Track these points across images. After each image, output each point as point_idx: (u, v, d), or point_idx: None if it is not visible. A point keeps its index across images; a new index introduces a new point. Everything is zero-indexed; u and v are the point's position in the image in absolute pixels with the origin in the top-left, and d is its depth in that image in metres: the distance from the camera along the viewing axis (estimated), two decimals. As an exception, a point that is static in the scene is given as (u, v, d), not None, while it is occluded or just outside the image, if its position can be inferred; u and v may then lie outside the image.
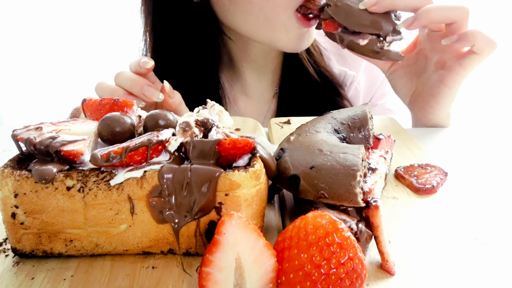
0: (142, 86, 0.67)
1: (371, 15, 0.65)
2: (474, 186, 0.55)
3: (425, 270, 0.39)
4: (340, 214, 0.41)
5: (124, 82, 0.69)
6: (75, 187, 0.38)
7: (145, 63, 0.68)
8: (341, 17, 0.67)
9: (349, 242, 0.33)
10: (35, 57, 2.04)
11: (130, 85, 0.68)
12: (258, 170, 0.39)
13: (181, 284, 0.38)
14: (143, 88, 0.67)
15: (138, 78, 0.68)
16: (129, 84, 0.68)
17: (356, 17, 0.66)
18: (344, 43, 0.70)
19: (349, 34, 0.69)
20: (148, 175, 0.38)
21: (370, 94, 1.03)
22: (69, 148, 0.38)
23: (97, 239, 0.40)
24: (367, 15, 0.66)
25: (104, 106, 0.45)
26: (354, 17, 0.66)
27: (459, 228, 0.45)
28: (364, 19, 0.66)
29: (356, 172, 0.40)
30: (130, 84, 0.68)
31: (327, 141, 0.46)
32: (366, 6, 0.65)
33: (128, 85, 0.68)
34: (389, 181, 0.55)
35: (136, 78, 0.68)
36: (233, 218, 0.34)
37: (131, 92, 0.68)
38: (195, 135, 0.41)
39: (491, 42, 0.64)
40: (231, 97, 0.97)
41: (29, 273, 0.39)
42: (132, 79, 0.68)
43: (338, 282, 0.32)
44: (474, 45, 0.64)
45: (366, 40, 0.67)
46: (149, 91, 0.67)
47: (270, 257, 0.34)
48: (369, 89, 1.03)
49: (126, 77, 0.69)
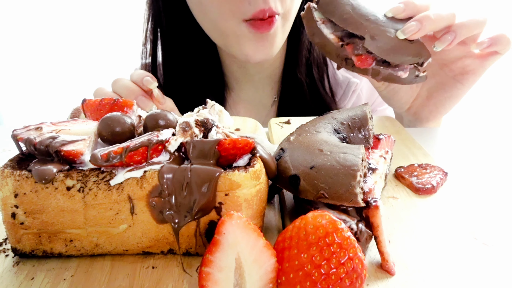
0: (137, 96, 0.69)
1: (410, 43, 0.58)
2: (474, 186, 0.55)
3: (425, 270, 0.39)
4: (340, 214, 0.41)
5: (120, 89, 0.71)
6: (75, 187, 0.38)
7: (148, 82, 0.70)
8: (382, 51, 0.57)
9: (349, 242, 0.33)
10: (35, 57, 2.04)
11: (125, 93, 0.70)
12: (258, 170, 0.39)
13: (181, 284, 0.38)
14: (138, 98, 0.69)
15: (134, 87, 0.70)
16: (125, 93, 0.70)
17: (398, 49, 0.57)
18: (379, 77, 0.60)
19: (386, 67, 0.60)
20: (148, 175, 0.38)
21: (371, 101, 1.04)
22: (69, 148, 0.38)
23: (97, 239, 0.40)
24: (408, 45, 0.57)
25: (104, 106, 0.45)
26: (398, 49, 0.57)
27: (459, 228, 0.45)
28: (408, 50, 0.57)
29: (356, 172, 0.40)
30: (126, 93, 0.70)
31: (327, 141, 0.46)
32: (407, 35, 0.57)
33: (124, 93, 0.70)
34: (389, 181, 0.55)
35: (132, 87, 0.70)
36: (233, 218, 0.34)
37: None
38: (195, 135, 0.41)
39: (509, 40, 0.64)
40: (231, 103, 0.97)
41: (29, 273, 0.39)
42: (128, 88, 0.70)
43: (338, 282, 0.32)
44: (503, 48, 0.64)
45: (407, 72, 0.60)
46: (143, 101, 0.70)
47: (270, 257, 0.34)
48: (371, 96, 1.03)
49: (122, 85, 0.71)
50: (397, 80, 0.60)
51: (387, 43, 0.57)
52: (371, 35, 0.57)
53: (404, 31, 0.57)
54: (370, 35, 0.57)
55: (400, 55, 0.57)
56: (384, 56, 0.57)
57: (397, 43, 0.57)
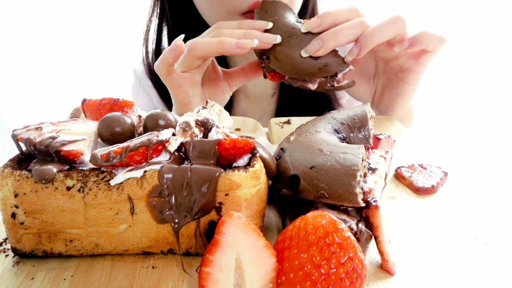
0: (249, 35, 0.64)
1: (316, 60, 0.62)
2: (474, 186, 0.55)
3: (425, 270, 0.39)
4: (340, 214, 0.41)
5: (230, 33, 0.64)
6: (75, 187, 0.38)
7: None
8: (286, 70, 0.63)
9: (349, 242, 0.33)
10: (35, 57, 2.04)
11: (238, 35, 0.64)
12: (258, 170, 0.39)
13: (181, 284, 0.38)
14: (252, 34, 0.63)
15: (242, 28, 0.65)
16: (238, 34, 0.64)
17: (302, 67, 0.62)
18: (294, 85, 0.67)
19: (297, 81, 0.65)
20: (148, 175, 0.38)
21: None
22: (69, 148, 0.38)
23: (97, 239, 0.40)
24: (313, 61, 0.62)
25: (104, 106, 0.45)
26: (300, 68, 0.62)
27: (459, 228, 0.45)
28: (312, 66, 0.62)
29: (356, 172, 0.40)
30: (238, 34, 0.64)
31: (327, 141, 0.46)
32: (309, 53, 0.61)
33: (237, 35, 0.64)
34: (389, 181, 0.55)
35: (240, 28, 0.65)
36: (233, 218, 0.34)
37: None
38: (195, 135, 0.41)
39: (439, 38, 0.65)
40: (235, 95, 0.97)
41: (29, 273, 0.39)
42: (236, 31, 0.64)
43: (338, 282, 0.32)
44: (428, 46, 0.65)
45: (315, 84, 0.64)
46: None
47: (270, 257, 0.34)
48: None
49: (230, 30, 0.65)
50: (309, 89, 0.65)
51: (290, 63, 0.62)
52: (275, 56, 0.63)
53: (306, 50, 0.61)
54: (274, 56, 0.63)
55: (304, 72, 0.62)
56: (289, 74, 0.63)
57: (300, 61, 0.62)
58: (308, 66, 0.62)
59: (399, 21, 0.63)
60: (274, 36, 0.63)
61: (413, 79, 0.72)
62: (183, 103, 0.71)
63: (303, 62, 0.62)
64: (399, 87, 0.74)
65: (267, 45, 0.63)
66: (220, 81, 0.75)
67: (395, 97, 0.75)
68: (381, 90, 0.77)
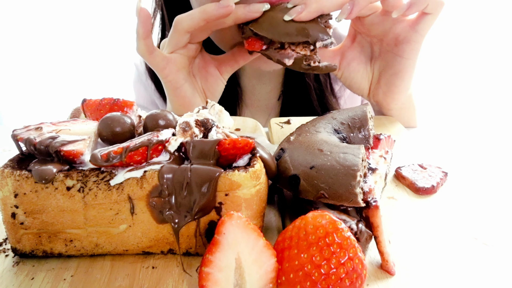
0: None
1: (297, 23, 0.61)
2: (474, 186, 0.55)
3: (425, 270, 0.39)
4: (340, 214, 0.41)
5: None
6: (75, 187, 0.38)
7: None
8: (263, 30, 0.62)
9: (349, 242, 0.33)
10: (35, 57, 2.04)
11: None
12: (258, 170, 0.39)
13: (181, 284, 0.38)
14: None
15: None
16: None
17: (280, 28, 0.61)
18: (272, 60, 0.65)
19: (275, 53, 0.63)
20: (148, 175, 0.38)
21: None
22: (69, 148, 0.38)
23: (97, 239, 0.40)
24: (293, 24, 0.61)
25: (104, 106, 0.45)
26: (279, 28, 0.61)
27: (459, 228, 0.45)
28: (290, 28, 0.61)
29: (356, 172, 0.40)
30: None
31: (327, 141, 0.46)
32: (292, 16, 0.60)
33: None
34: (389, 181, 0.55)
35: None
36: (233, 218, 0.34)
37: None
38: (195, 135, 0.41)
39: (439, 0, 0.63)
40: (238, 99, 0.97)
41: (29, 273, 0.39)
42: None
43: (338, 282, 0.32)
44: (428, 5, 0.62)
45: (291, 60, 0.63)
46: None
47: (270, 257, 0.34)
48: None
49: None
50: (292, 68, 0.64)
51: (270, 22, 0.61)
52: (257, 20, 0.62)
53: (290, 13, 0.60)
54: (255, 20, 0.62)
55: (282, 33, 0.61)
56: (266, 33, 0.61)
57: (281, 23, 0.61)
58: (287, 27, 0.61)
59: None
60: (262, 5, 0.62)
61: (411, 51, 0.68)
62: (173, 87, 0.69)
63: (284, 24, 0.61)
64: (397, 65, 0.70)
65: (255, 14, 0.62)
66: (210, 67, 0.73)
67: (392, 78, 0.71)
68: (378, 75, 0.74)
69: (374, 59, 0.75)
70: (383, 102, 0.76)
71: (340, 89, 0.99)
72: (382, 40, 0.71)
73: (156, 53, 0.65)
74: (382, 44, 0.71)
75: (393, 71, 0.71)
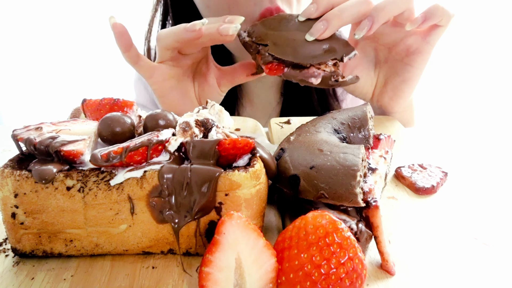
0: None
1: (320, 42, 0.58)
2: (474, 186, 0.55)
3: (425, 270, 0.39)
4: (340, 214, 0.41)
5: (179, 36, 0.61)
6: (75, 187, 0.38)
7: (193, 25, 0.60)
8: (286, 54, 0.57)
9: (349, 242, 0.33)
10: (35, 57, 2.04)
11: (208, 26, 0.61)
12: (258, 170, 0.39)
13: (181, 284, 0.38)
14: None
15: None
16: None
17: (304, 50, 0.57)
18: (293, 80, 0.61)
19: (297, 73, 0.59)
20: (148, 175, 0.38)
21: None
22: (69, 148, 0.38)
23: (97, 239, 0.40)
24: (315, 43, 0.58)
25: (104, 106, 0.45)
26: (302, 50, 0.57)
27: (459, 228, 0.45)
28: (314, 48, 0.58)
29: (356, 172, 0.40)
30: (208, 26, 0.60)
31: (327, 141, 0.46)
32: (314, 36, 0.57)
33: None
34: (389, 181, 0.55)
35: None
36: (233, 218, 0.34)
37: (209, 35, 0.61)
38: (195, 135, 0.41)
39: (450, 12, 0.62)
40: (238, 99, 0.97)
41: (29, 273, 0.39)
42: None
43: (338, 282, 0.32)
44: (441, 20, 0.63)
45: (319, 79, 0.59)
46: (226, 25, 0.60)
47: (270, 257, 0.34)
48: None
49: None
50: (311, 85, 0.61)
51: (292, 46, 0.57)
52: (273, 42, 0.58)
53: (312, 33, 0.57)
54: (272, 42, 0.58)
55: (305, 56, 0.58)
56: (290, 58, 0.58)
57: (301, 44, 0.58)
58: (312, 48, 0.58)
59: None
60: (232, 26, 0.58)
61: (422, 61, 0.68)
62: (159, 95, 0.68)
63: (306, 45, 0.58)
64: (406, 73, 0.70)
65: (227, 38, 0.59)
66: (210, 77, 0.72)
67: (400, 85, 0.71)
68: (383, 80, 0.74)
69: (379, 65, 0.74)
70: (387, 106, 0.76)
71: (342, 93, 0.99)
72: (391, 49, 0.70)
73: (141, 63, 0.65)
74: (391, 52, 0.71)
75: (402, 79, 0.71)
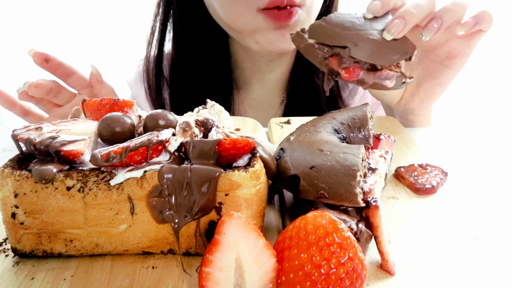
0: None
1: (397, 41, 0.55)
2: (474, 186, 0.55)
3: (425, 270, 0.39)
4: (340, 214, 0.41)
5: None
6: (75, 187, 0.38)
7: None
8: (369, 56, 0.54)
9: (349, 242, 0.33)
10: (35, 57, 2.04)
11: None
12: (258, 170, 0.39)
13: (181, 284, 0.38)
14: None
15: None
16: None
17: (384, 50, 0.54)
18: (364, 86, 0.58)
19: (371, 76, 0.57)
20: (148, 175, 0.38)
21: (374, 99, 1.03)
22: (69, 148, 0.38)
23: (97, 239, 0.40)
24: (394, 43, 0.55)
25: (104, 106, 0.45)
26: (383, 50, 0.54)
27: (459, 228, 0.45)
28: (394, 48, 0.55)
29: (356, 172, 0.40)
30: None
31: (327, 141, 0.46)
32: (393, 35, 0.54)
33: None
34: (389, 181, 0.55)
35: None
36: (233, 218, 0.34)
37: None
38: (195, 135, 0.41)
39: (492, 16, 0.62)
40: (238, 101, 0.97)
41: (29, 273, 0.39)
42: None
43: (338, 282, 0.32)
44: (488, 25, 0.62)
45: (393, 81, 0.57)
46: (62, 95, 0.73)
47: (270, 257, 0.34)
48: None
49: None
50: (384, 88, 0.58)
51: (373, 47, 0.54)
52: (354, 43, 0.54)
53: (390, 31, 0.54)
54: (352, 43, 0.54)
55: (387, 56, 0.55)
56: (372, 60, 0.55)
57: (381, 43, 0.54)
58: (392, 48, 0.55)
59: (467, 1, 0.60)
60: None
61: (461, 64, 0.68)
62: None
63: (386, 44, 0.54)
64: (444, 75, 0.69)
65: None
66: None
67: (435, 88, 0.71)
68: (416, 83, 0.73)
69: (411, 68, 0.73)
70: (416, 109, 0.75)
71: (348, 97, 0.98)
72: (430, 51, 0.69)
73: (30, 117, 0.77)
74: (428, 54, 0.70)
75: (438, 81, 0.70)
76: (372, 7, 0.56)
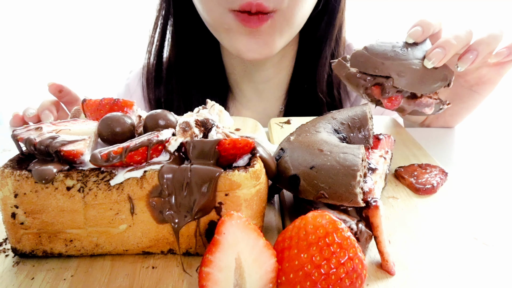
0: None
1: (437, 69, 0.55)
2: (474, 186, 0.55)
3: (425, 270, 0.39)
4: (340, 214, 0.41)
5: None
6: (75, 187, 0.38)
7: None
8: (411, 85, 0.54)
9: (349, 242, 0.33)
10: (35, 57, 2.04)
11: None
12: (258, 170, 0.39)
13: (181, 284, 0.38)
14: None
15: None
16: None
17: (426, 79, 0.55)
18: (403, 113, 0.59)
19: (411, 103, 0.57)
20: (148, 175, 0.38)
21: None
22: (69, 148, 0.38)
23: (97, 239, 0.40)
24: (435, 72, 0.55)
25: (104, 106, 0.45)
26: (424, 79, 0.55)
27: (459, 228, 0.45)
28: (435, 77, 0.55)
29: (356, 172, 0.40)
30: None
31: (327, 141, 0.46)
32: (434, 63, 0.55)
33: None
34: (389, 181, 0.55)
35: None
36: (233, 218, 0.34)
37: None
38: (195, 135, 0.41)
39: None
40: (234, 111, 0.97)
41: (29, 273, 0.39)
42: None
43: (338, 282, 0.32)
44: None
45: (432, 108, 0.57)
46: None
47: (270, 257, 0.34)
48: None
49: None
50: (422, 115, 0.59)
51: (415, 76, 0.54)
52: (398, 73, 0.54)
53: (431, 60, 0.55)
54: (396, 73, 0.54)
55: (429, 85, 0.55)
56: (415, 90, 0.55)
57: (423, 73, 0.55)
58: (432, 76, 0.55)
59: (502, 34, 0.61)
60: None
61: (490, 90, 0.69)
62: None
63: (428, 73, 0.55)
64: (471, 100, 0.70)
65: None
66: None
67: (461, 111, 0.71)
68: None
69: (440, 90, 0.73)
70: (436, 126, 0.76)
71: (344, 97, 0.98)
72: (461, 76, 0.69)
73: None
74: (459, 79, 0.69)
75: (465, 105, 0.71)
76: (413, 33, 0.57)
